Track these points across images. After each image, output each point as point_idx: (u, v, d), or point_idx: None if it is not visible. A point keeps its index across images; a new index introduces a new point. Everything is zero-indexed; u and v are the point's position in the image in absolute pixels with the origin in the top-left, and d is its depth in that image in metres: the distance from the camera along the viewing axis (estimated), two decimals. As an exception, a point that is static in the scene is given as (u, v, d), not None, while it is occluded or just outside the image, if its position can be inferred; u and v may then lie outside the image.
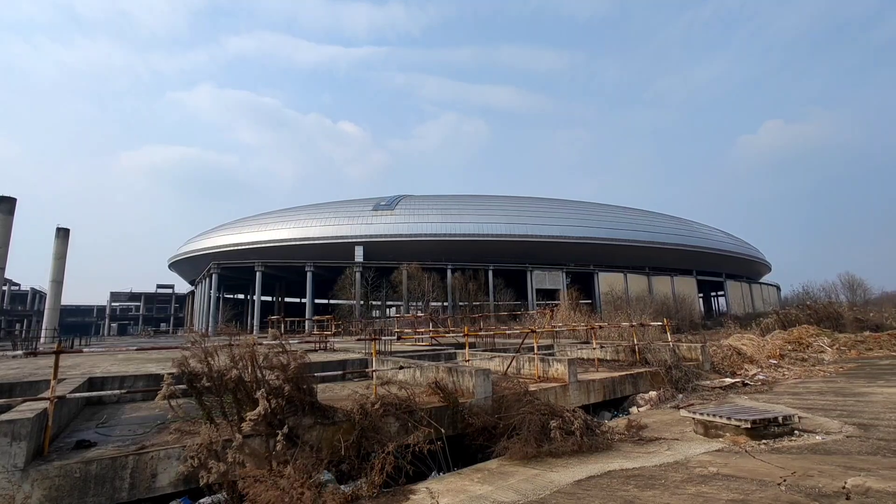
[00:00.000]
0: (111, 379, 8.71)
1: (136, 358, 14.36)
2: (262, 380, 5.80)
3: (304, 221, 61.57)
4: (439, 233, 57.00)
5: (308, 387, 6.10)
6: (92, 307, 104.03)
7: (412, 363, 9.39)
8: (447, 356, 12.95)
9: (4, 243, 30.12)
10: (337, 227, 58.36)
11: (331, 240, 57.52)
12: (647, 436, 6.92)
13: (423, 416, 6.74)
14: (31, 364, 12.87)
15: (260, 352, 5.99)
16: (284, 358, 5.92)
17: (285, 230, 60.97)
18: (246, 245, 61.79)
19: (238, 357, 5.55)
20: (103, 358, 14.54)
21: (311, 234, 59.02)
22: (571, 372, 9.27)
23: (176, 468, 4.87)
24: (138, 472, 4.71)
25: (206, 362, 5.82)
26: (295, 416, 5.95)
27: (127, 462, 4.66)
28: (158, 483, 4.81)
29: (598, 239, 61.00)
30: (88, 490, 4.43)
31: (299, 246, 58.27)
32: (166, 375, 5.49)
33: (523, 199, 71.73)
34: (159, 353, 17.00)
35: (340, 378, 9.87)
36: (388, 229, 57.34)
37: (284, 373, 5.95)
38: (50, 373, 9.02)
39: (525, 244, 58.26)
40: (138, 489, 4.70)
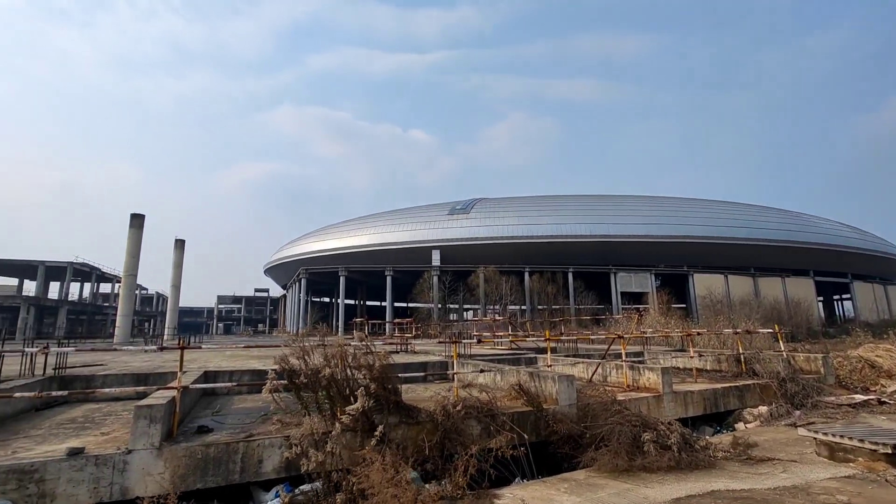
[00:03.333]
0: (222, 373, 9.74)
1: (240, 355, 15.94)
2: (351, 378, 6.12)
3: (382, 227, 64.36)
4: (516, 235, 56.32)
5: (393, 386, 6.32)
6: (202, 309, 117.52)
7: (492, 367, 9.33)
8: (527, 361, 12.70)
9: (136, 254, 35.19)
10: (414, 233, 60.15)
11: (408, 244, 59.42)
12: (757, 455, 6.19)
13: (505, 420, 6.65)
14: (158, 358, 14.88)
15: (349, 352, 6.33)
16: (371, 358, 6.20)
17: (366, 236, 64.16)
18: (330, 251, 66.05)
19: (330, 356, 5.92)
20: (214, 354, 16.35)
21: (389, 239, 61.47)
22: (665, 381, 8.59)
23: (279, 456, 5.29)
24: (247, 458, 5.19)
25: (303, 360, 6.29)
26: (381, 413, 6.19)
27: (238, 448, 5.17)
28: (264, 468, 5.26)
29: (691, 237, 56.17)
30: (208, 470, 4.98)
31: (379, 251, 60.98)
32: (270, 371, 6.01)
33: (603, 198, 68.29)
34: (259, 350, 18.72)
35: (422, 379, 10.11)
36: (463, 233, 57.89)
37: (371, 372, 6.22)
38: (174, 366, 10.32)
39: (607, 244, 55.44)
40: (247, 473, 5.18)
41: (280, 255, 77.47)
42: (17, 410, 6.90)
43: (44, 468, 4.41)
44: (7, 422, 6.42)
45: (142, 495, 4.62)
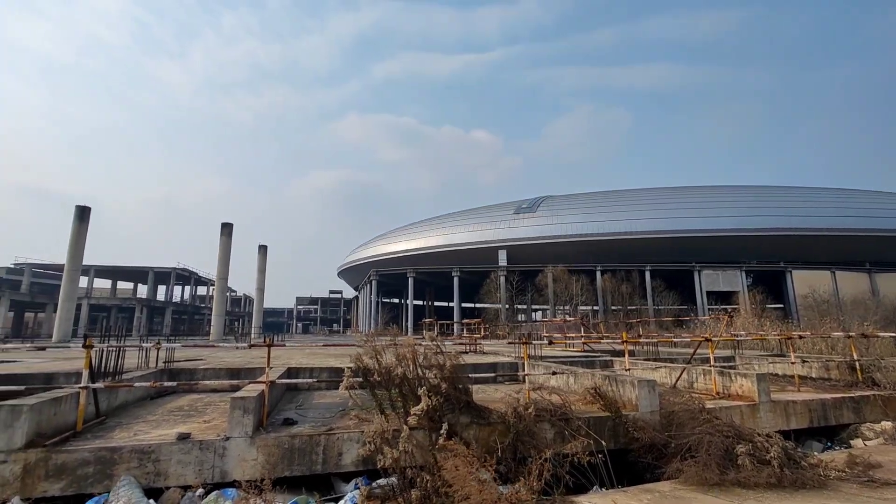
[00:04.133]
0: (303, 369, 10.39)
1: (318, 353, 16.90)
2: (422, 377, 6.24)
3: (449, 229, 65.08)
4: (585, 233, 54.23)
5: (464, 387, 6.34)
6: (283, 309, 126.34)
7: (565, 369, 9.04)
8: (602, 364, 12.15)
9: (226, 259, 38.74)
10: (480, 233, 60.12)
11: (475, 245, 59.51)
12: (882, 478, 5.38)
13: (581, 425, 6.40)
14: (248, 354, 16.23)
15: (419, 351, 6.46)
16: (441, 358, 6.27)
17: (433, 238, 65.24)
18: (399, 253, 68.01)
19: (401, 356, 6.08)
20: (295, 352, 17.49)
21: (456, 240, 61.98)
22: (762, 389, 7.77)
23: (356, 450, 5.53)
24: (328, 450, 5.48)
25: (376, 359, 6.52)
26: (452, 413, 6.24)
27: (320, 440, 5.47)
28: (343, 461, 5.52)
29: (788, 229, 50.46)
30: (294, 460, 5.33)
31: (446, 252, 61.73)
32: (346, 369, 6.29)
33: (681, 190, 63.51)
34: (335, 349, 19.74)
35: (492, 380, 10.05)
36: (530, 232, 56.85)
37: (441, 372, 6.30)
38: (262, 362, 11.19)
39: (688, 240, 51.50)
40: (329, 464, 5.47)
41: (352, 258, 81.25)
42: (136, 398, 7.87)
43: (159, 450, 4.98)
44: (129, 407, 7.34)
45: (238, 479, 5.05)
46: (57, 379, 8.63)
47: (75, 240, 33.35)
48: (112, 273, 64.59)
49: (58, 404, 5.33)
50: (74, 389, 5.69)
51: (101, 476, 4.79)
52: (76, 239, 33.39)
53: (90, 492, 4.73)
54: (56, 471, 4.69)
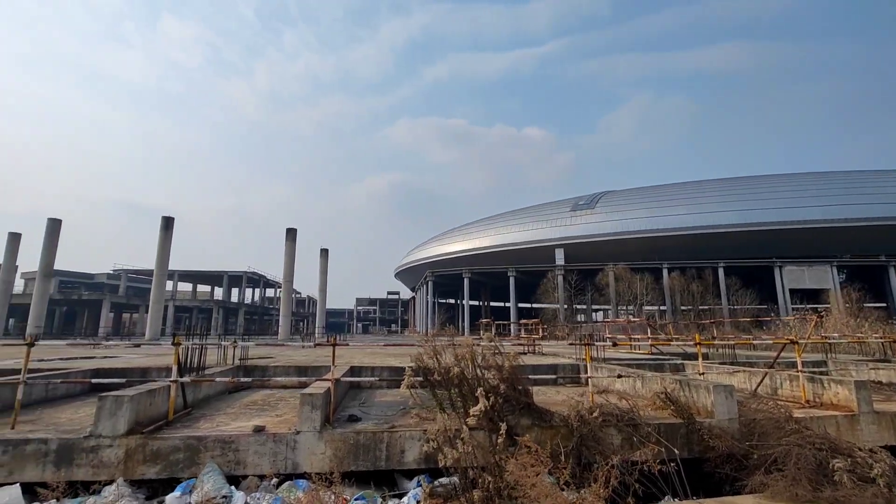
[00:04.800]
0: (365, 368, 10.74)
1: (379, 353, 17.39)
2: (481, 378, 6.21)
3: (503, 228, 64.50)
4: (649, 229, 51.53)
5: (523, 388, 6.24)
6: (344, 310, 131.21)
7: (631, 372, 8.62)
8: (672, 367, 11.45)
9: (292, 262, 40.96)
10: (535, 232, 59.02)
11: (530, 244, 58.52)
12: None
13: (650, 431, 6.07)
14: (314, 353, 17.04)
15: (477, 352, 6.44)
16: (500, 359, 6.21)
17: (487, 238, 64.95)
18: (454, 254, 68.37)
19: (460, 356, 6.09)
20: (356, 351, 18.11)
21: (511, 239, 61.29)
22: (862, 398, 6.95)
23: (418, 448, 5.61)
24: (391, 447, 5.61)
25: (435, 359, 6.59)
26: (512, 415, 6.15)
27: (383, 437, 5.62)
28: (406, 458, 5.63)
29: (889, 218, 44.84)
30: (359, 455, 5.51)
31: (501, 252, 61.23)
32: (407, 368, 6.42)
33: (756, 179, 58.43)
34: (395, 349, 20.20)
35: (552, 382, 9.81)
36: (588, 229, 54.97)
37: (500, 373, 6.24)
38: (326, 360, 11.69)
39: (766, 234, 47.35)
40: (392, 461, 5.60)
41: (408, 260, 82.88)
42: (217, 392, 8.52)
43: (238, 441, 5.35)
44: (211, 401, 7.97)
45: (308, 471, 5.31)
46: (150, 373, 9.56)
47: (162, 247, 36.84)
48: (192, 277, 70.66)
49: (152, 396, 5.89)
50: (166, 383, 6.27)
51: (190, 462, 5.23)
52: (162, 247, 36.87)
53: (180, 476, 5.18)
54: (152, 456, 5.19)
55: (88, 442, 5.13)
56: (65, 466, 5.05)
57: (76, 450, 5.11)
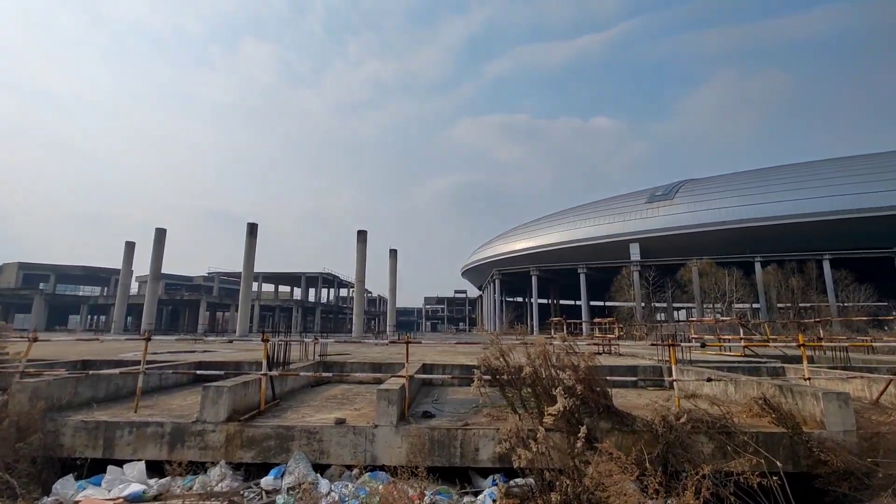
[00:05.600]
0: (436, 366, 10.89)
1: (448, 351, 17.57)
2: (555, 378, 6.03)
3: (572, 224, 62.35)
4: (738, 219, 47.09)
5: (602, 389, 5.97)
6: (413, 309, 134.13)
7: (722, 375, 7.91)
8: (771, 371, 10.36)
9: (363, 263, 42.72)
10: (607, 226, 56.36)
11: (601, 240, 56.01)
12: None
13: (747, 440, 5.53)
14: (386, 350, 17.62)
15: (550, 351, 6.26)
16: (575, 359, 5.99)
17: (555, 234, 63.16)
18: (521, 252, 67.31)
19: (533, 356, 5.96)
20: (427, 349, 18.45)
21: (580, 235, 59.11)
22: None
23: (492, 447, 5.58)
24: (465, 445, 5.63)
25: (503, 360, 6.51)
26: (591, 417, 5.91)
27: (457, 434, 5.65)
28: (480, 457, 5.62)
29: None
30: (434, 451, 5.60)
31: (570, 248, 59.25)
32: (477, 369, 6.41)
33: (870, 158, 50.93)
34: (464, 347, 20.31)
35: (632, 385, 9.29)
36: (667, 222, 51.43)
37: (576, 373, 6.01)
38: (399, 357, 12.03)
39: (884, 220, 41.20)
40: (466, 458, 5.62)
41: (474, 259, 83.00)
42: (301, 385, 9.11)
43: (321, 431, 5.67)
44: (296, 393, 8.53)
45: (386, 464, 5.49)
46: (243, 367, 10.44)
47: (248, 251, 40.21)
48: (274, 278, 76.31)
49: (246, 387, 6.43)
50: (257, 376, 6.80)
51: (280, 450, 5.63)
52: (248, 251, 40.23)
53: (272, 462, 5.60)
54: (248, 441, 5.66)
55: (196, 427, 5.72)
56: (178, 447, 5.67)
57: (186, 433, 5.71)
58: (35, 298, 57.21)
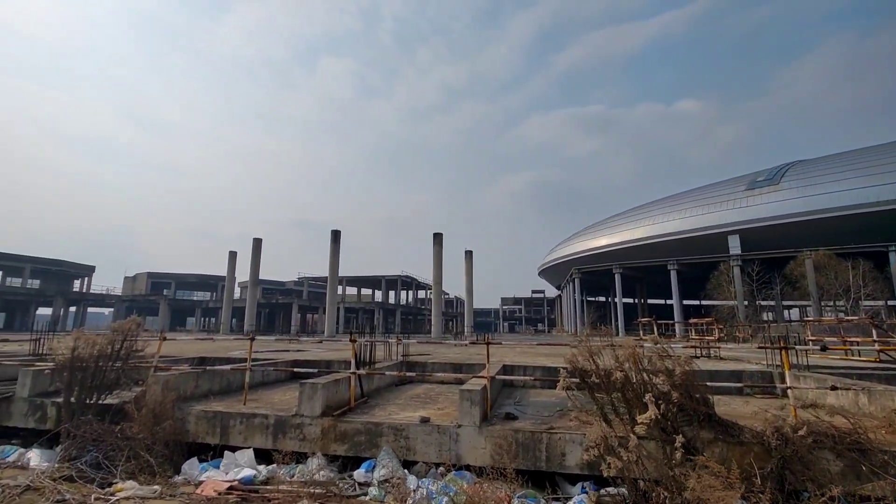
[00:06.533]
0: (517, 367, 10.75)
1: (529, 352, 17.26)
2: (647, 383, 5.65)
3: (657, 217, 58.18)
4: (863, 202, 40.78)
5: (701, 396, 5.48)
6: (490, 310, 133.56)
7: (850, 384, 6.88)
8: (914, 379, 8.79)
9: (440, 265, 43.46)
10: (700, 218, 51.76)
11: (694, 233, 51.58)
12: None
13: (888, 460, 4.74)
14: (466, 351, 17.75)
15: (641, 354, 5.87)
16: (669, 363, 5.56)
17: (639, 229, 59.37)
18: (601, 249, 64.16)
19: (622, 358, 5.63)
20: (507, 350, 18.27)
21: (668, 229, 54.96)
22: None
23: (579, 452, 5.37)
24: (551, 449, 5.48)
25: (591, 361, 6.22)
26: (689, 426, 5.45)
27: (542, 437, 5.52)
28: (567, 462, 5.44)
29: None
30: (518, 454, 5.52)
31: (656, 244, 55.33)
32: (561, 370, 6.20)
33: None
34: (545, 348, 19.80)
35: (736, 392, 8.42)
36: (772, 210, 46.00)
37: (670, 378, 5.58)
38: (479, 358, 12.05)
39: None
40: (552, 463, 5.47)
41: (551, 258, 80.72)
42: (386, 384, 9.50)
43: (407, 429, 5.86)
44: (381, 391, 8.91)
45: (471, 464, 5.52)
46: (333, 365, 11.14)
47: (333, 257, 42.85)
48: (356, 282, 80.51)
49: (337, 385, 6.84)
50: (346, 374, 7.22)
51: (369, 445, 5.91)
52: (333, 257, 42.86)
53: (362, 455, 5.90)
54: (340, 436, 6.02)
55: (295, 420, 6.21)
56: (280, 437, 6.20)
57: (287, 425, 6.22)
58: (161, 303, 66.10)
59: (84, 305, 65.27)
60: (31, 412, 7.35)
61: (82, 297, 65.01)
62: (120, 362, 7.44)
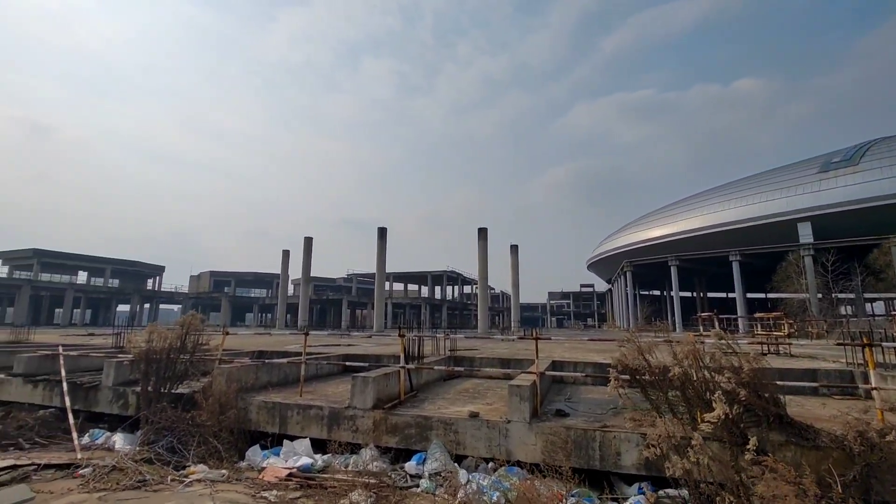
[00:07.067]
0: (567, 363, 10.50)
1: (579, 347, 16.83)
2: (710, 381, 5.33)
3: (716, 206, 54.77)
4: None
5: (772, 396, 5.11)
6: (537, 304, 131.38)
7: (949, 384, 6.15)
8: None
9: (485, 260, 43.27)
10: (765, 205, 48.15)
11: (758, 221, 48.10)
12: None
13: None
14: (514, 346, 17.59)
15: (702, 350, 5.55)
16: (735, 359, 5.21)
17: (696, 219, 56.18)
18: (654, 240, 61.30)
19: (680, 355, 5.34)
20: (555, 345, 17.91)
21: (729, 217, 51.62)
22: None
23: (636, 452, 5.16)
24: (605, 447, 5.31)
25: (643, 359, 5.95)
26: (758, 427, 5.09)
27: (595, 436, 5.36)
28: (622, 461, 5.24)
29: None
30: (570, 451, 5.39)
31: (715, 234, 52.13)
32: (613, 367, 5.99)
33: None
34: (595, 344, 19.24)
35: (811, 392, 7.77)
36: (850, 193, 41.98)
37: (736, 376, 5.23)
38: (527, 353, 11.89)
39: None
40: (607, 462, 5.29)
41: (601, 250, 78.15)
42: (434, 378, 9.59)
43: (457, 423, 5.88)
44: (430, 386, 9.00)
45: (521, 460, 5.46)
46: (382, 359, 11.39)
47: (379, 254, 43.79)
48: (403, 278, 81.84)
49: (388, 378, 6.99)
50: (396, 368, 7.35)
51: (420, 438, 5.99)
52: (380, 253, 43.80)
53: (413, 448, 5.99)
54: (392, 428, 6.14)
55: (348, 412, 6.41)
56: (334, 428, 6.42)
57: (340, 417, 6.44)
58: (222, 300, 70.50)
59: (156, 302, 70.95)
60: (115, 399, 8.07)
61: (155, 294, 70.67)
62: (188, 355, 8.00)
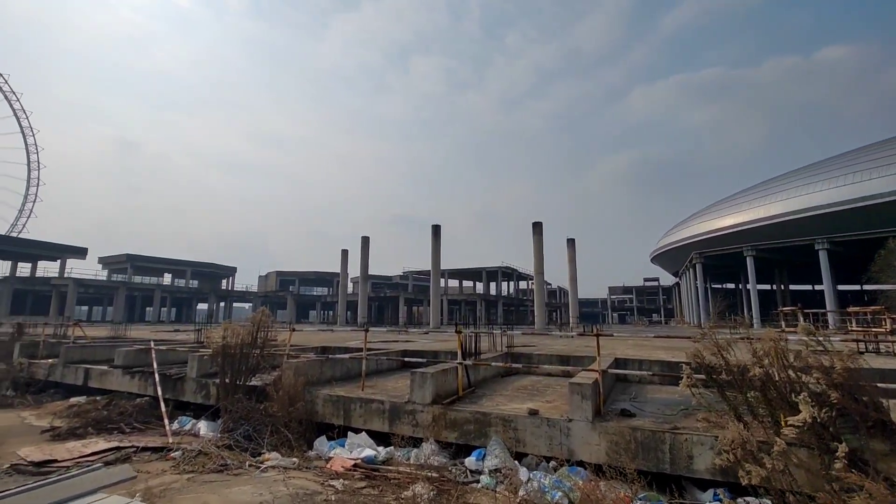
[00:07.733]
0: (631, 361, 10.03)
1: (644, 345, 16.05)
2: (795, 381, 4.86)
3: (798, 189, 49.90)
4: None
5: (871, 399, 4.56)
6: (597, 300, 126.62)
7: None
8: None
9: (540, 255, 42.34)
10: (858, 186, 43.19)
11: (849, 205, 43.27)
12: None
13: None
14: (572, 343, 17.09)
15: (787, 348, 5.07)
16: (825, 358, 4.71)
17: (776, 205, 51.54)
18: (728, 229, 57.02)
19: (762, 353, 4.92)
20: (618, 342, 17.20)
21: (813, 202, 46.87)
22: None
23: (710, 456, 4.83)
24: (675, 450, 5.02)
25: (720, 356, 5.54)
26: (854, 434, 4.57)
27: (664, 438, 5.08)
28: (695, 466, 4.93)
29: None
30: (637, 453, 5.15)
31: (797, 221, 47.55)
32: (685, 365, 5.63)
33: None
34: (662, 341, 18.25)
35: (920, 394, 6.85)
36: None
37: (827, 376, 4.72)
38: (587, 350, 11.51)
39: None
40: (678, 466, 5.00)
41: (666, 241, 73.93)
42: (491, 375, 9.55)
43: (516, 420, 5.82)
44: (488, 382, 8.98)
45: (585, 460, 5.29)
46: (439, 355, 11.52)
47: (434, 251, 44.24)
48: (458, 274, 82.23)
49: (446, 374, 7.05)
50: (454, 364, 7.40)
51: (479, 434, 6.00)
52: (435, 250, 44.24)
53: (472, 444, 6.00)
54: (450, 423, 6.20)
55: (408, 406, 6.55)
56: (395, 422, 6.58)
57: (401, 411, 6.59)
58: (288, 298, 74.66)
59: (230, 301, 76.58)
60: (198, 390, 8.82)
61: (228, 293, 76.33)
62: (258, 350, 8.55)
